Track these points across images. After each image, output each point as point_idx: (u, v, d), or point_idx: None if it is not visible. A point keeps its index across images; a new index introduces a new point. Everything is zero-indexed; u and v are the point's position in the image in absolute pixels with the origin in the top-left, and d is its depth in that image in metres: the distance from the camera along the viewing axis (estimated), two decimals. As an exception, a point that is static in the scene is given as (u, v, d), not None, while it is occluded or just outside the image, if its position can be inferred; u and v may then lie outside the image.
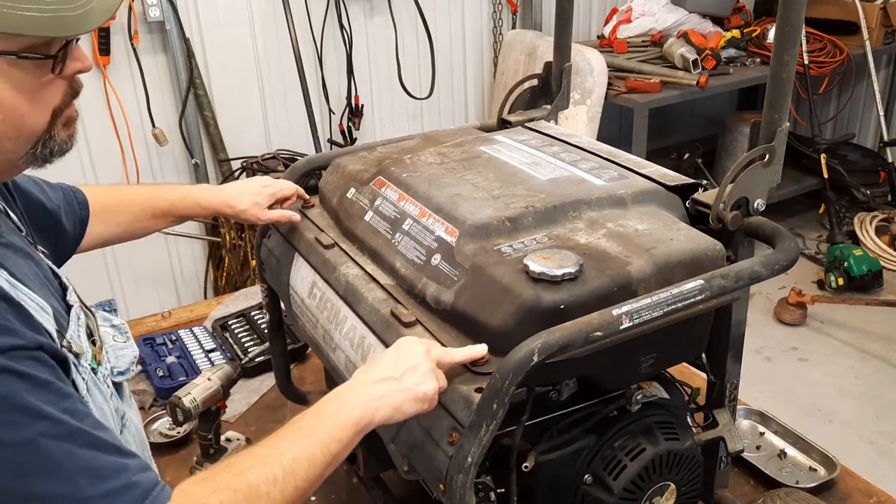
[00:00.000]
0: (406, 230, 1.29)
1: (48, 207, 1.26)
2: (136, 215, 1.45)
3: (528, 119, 1.72)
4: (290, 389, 1.82)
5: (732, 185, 1.21)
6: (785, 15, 1.14)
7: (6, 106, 0.88)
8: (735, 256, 1.24)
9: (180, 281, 3.73)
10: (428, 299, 1.18)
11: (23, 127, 0.91)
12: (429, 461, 1.03)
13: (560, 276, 1.05)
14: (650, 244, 1.14)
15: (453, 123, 4.20)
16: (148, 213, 1.45)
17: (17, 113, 0.89)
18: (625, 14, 4.26)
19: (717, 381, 1.35)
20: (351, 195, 1.45)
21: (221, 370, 1.69)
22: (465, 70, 4.22)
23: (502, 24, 4.20)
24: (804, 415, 3.22)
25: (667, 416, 1.22)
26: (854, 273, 4.00)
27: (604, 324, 0.99)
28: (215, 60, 3.50)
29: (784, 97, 1.19)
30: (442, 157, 1.46)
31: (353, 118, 3.83)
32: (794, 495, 1.46)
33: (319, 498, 1.66)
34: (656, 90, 3.76)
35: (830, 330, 3.87)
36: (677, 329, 1.10)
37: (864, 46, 4.34)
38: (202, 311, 2.37)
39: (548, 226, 1.21)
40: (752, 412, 1.84)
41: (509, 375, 0.94)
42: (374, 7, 3.78)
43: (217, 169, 3.61)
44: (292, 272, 1.48)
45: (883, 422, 3.26)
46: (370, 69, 3.89)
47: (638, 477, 1.15)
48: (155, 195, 1.48)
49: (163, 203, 1.47)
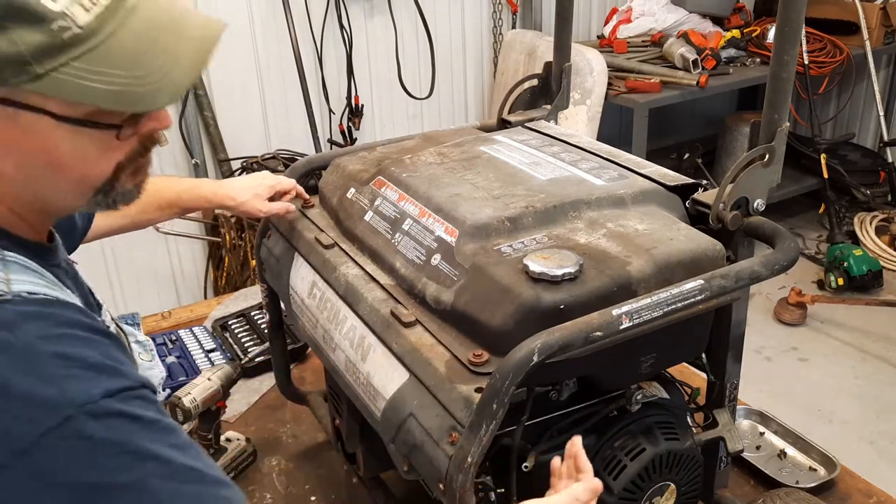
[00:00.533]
0: (406, 230, 1.29)
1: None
2: (143, 207, 1.44)
3: (528, 119, 1.72)
4: (290, 389, 1.82)
5: (732, 185, 1.21)
6: (785, 15, 1.14)
7: (67, 167, 0.86)
8: (735, 256, 1.24)
9: (180, 281, 3.73)
10: (428, 299, 1.18)
11: (83, 183, 0.89)
12: (429, 461, 1.03)
13: (560, 276, 1.05)
14: (650, 244, 1.14)
15: (453, 123, 4.19)
16: (154, 205, 1.46)
17: (78, 173, 0.87)
18: (625, 14, 4.26)
19: (717, 381, 1.35)
20: (351, 195, 1.45)
21: (221, 370, 1.69)
22: (465, 70, 4.22)
23: (502, 24, 4.20)
24: (804, 415, 3.22)
25: (667, 416, 1.22)
26: (854, 273, 4.00)
27: (604, 324, 0.99)
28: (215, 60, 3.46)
29: (784, 97, 1.19)
30: (442, 157, 1.46)
31: (353, 118, 3.83)
32: (794, 495, 1.46)
33: (319, 498, 1.66)
34: (656, 90, 3.76)
35: (830, 330, 3.87)
36: (677, 329, 1.10)
37: (864, 46, 4.34)
38: (202, 311, 2.37)
39: (548, 226, 1.21)
40: (752, 412, 1.84)
41: (509, 375, 0.94)
42: (374, 7, 3.78)
43: (217, 169, 3.61)
44: (292, 272, 1.48)
45: (883, 422, 3.26)
46: (370, 69, 3.89)
47: (638, 477, 1.16)
48: (162, 187, 1.49)
49: (169, 194, 1.48)
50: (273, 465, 1.75)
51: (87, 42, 0.78)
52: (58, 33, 0.77)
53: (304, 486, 1.69)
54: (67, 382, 0.76)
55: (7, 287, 0.80)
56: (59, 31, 0.77)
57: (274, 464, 1.76)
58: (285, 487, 1.69)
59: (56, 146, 0.83)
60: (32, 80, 0.77)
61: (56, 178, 0.86)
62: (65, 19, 0.77)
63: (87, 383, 0.76)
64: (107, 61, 0.79)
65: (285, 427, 1.88)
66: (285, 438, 1.84)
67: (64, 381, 0.76)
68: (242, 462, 1.73)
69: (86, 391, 0.76)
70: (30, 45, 0.76)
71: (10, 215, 0.89)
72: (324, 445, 1.81)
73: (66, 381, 0.76)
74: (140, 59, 0.82)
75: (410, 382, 1.11)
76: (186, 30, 0.88)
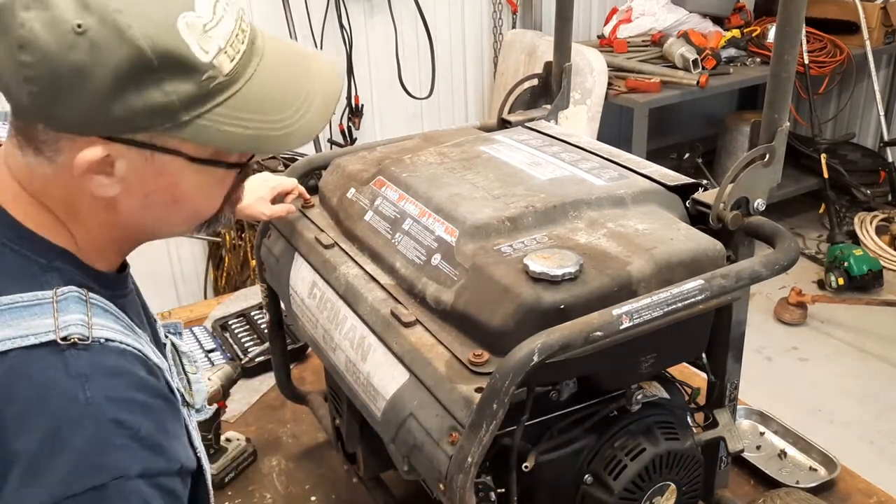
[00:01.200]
0: (406, 230, 1.29)
1: None
2: None
3: (528, 119, 1.72)
4: (290, 389, 1.82)
5: (732, 184, 1.21)
6: (785, 15, 1.14)
7: (188, 202, 0.88)
8: (735, 256, 1.24)
9: (180, 281, 3.73)
10: (428, 299, 1.18)
11: (196, 216, 0.92)
12: (429, 461, 1.03)
13: (560, 276, 1.05)
14: (650, 244, 1.14)
15: (453, 123, 4.19)
16: None
17: (194, 208, 0.90)
18: (625, 14, 4.26)
19: (717, 381, 1.35)
20: (351, 195, 1.45)
21: (221, 370, 1.69)
22: (465, 70, 4.22)
23: (502, 24, 4.20)
24: (804, 415, 3.22)
25: (667, 416, 1.22)
26: (854, 273, 4.00)
27: (604, 324, 0.98)
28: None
29: (784, 97, 1.19)
30: (442, 157, 1.46)
31: (353, 118, 3.83)
32: (794, 495, 1.46)
33: (320, 498, 1.66)
34: (656, 90, 3.76)
35: (830, 330, 3.87)
36: (677, 329, 1.10)
37: (865, 46, 4.34)
38: (202, 311, 2.37)
39: (548, 226, 1.21)
40: (752, 412, 1.84)
41: (509, 375, 0.94)
42: (374, 7, 3.78)
43: (217, 169, 3.61)
44: (292, 272, 1.48)
45: (883, 422, 3.26)
46: (370, 69, 3.89)
47: (638, 477, 1.15)
48: None
49: None
50: (273, 465, 1.75)
51: (230, 89, 0.80)
52: (206, 83, 0.78)
53: (304, 486, 1.69)
54: (114, 452, 0.77)
55: (88, 332, 0.81)
56: (207, 80, 0.78)
57: (274, 464, 1.76)
58: (285, 487, 1.69)
59: (180, 183, 0.85)
60: (178, 128, 0.79)
61: (173, 213, 0.89)
62: (213, 69, 0.78)
63: (130, 457, 0.78)
64: (245, 106, 0.81)
65: (285, 427, 1.88)
66: (285, 438, 1.84)
67: (112, 451, 0.77)
68: (242, 462, 1.73)
69: (125, 466, 0.77)
70: (182, 96, 0.77)
71: (97, 248, 0.89)
72: (324, 445, 1.80)
73: (113, 451, 0.77)
74: (275, 104, 0.84)
75: (410, 382, 1.11)
76: (312, 71, 0.89)
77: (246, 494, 1.67)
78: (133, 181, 0.83)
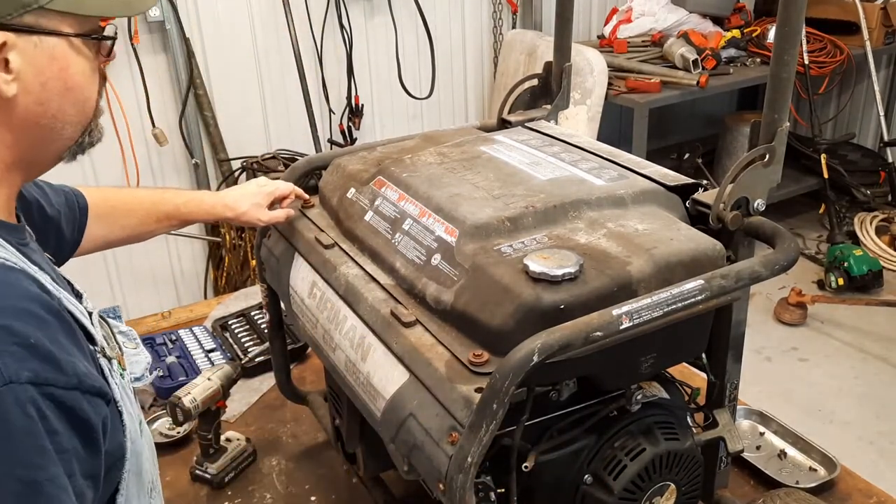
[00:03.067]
0: (406, 230, 1.29)
1: (49, 213, 1.26)
2: (142, 219, 1.46)
3: (528, 119, 1.72)
4: (290, 389, 1.82)
5: (732, 185, 1.21)
6: (785, 15, 1.14)
7: (78, 88, 0.92)
8: (735, 256, 1.24)
9: (180, 281, 3.73)
10: (428, 299, 1.18)
11: (85, 111, 0.95)
12: (429, 461, 1.03)
13: (560, 276, 1.05)
14: (650, 244, 1.14)
15: (453, 123, 4.20)
16: (153, 217, 1.47)
17: (84, 95, 0.94)
18: (625, 14, 4.26)
19: (717, 381, 1.35)
20: (351, 195, 1.45)
21: (221, 370, 1.69)
22: (465, 70, 4.22)
23: (502, 25, 4.20)
24: (804, 415, 3.22)
25: (667, 416, 1.22)
26: (854, 273, 4.00)
27: (604, 324, 0.98)
28: (215, 60, 3.50)
29: (784, 97, 1.19)
30: (442, 157, 1.46)
31: (353, 118, 3.84)
32: (794, 495, 1.46)
33: (319, 498, 1.66)
34: (656, 90, 3.76)
35: (830, 330, 3.87)
36: (677, 329, 1.10)
37: (865, 46, 4.34)
38: (202, 311, 2.37)
39: (548, 226, 1.21)
40: (752, 412, 1.84)
41: (509, 375, 0.94)
42: (374, 7, 3.78)
43: (217, 169, 3.61)
44: (292, 272, 1.48)
45: (883, 422, 3.26)
46: (370, 69, 3.89)
47: (638, 477, 1.15)
48: (160, 199, 1.49)
49: (168, 207, 1.48)
50: (273, 465, 1.75)
51: None
52: None
53: (304, 486, 1.69)
54: (2, 357, 0.76)
55: None
56: None
57: (274, 464, 1.76)
58: (285, 487, 1.69)
59: (69, 67, 0.90)
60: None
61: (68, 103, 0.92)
62: None
63: (18, 363, 0.77)
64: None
65: (285, 427, 1.88)
66: (285, 438, 1.84)
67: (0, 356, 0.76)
68: (242, 462, 1.73)
69: (14, 371, 0.76)
70: None
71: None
72: (324, 445, 1.81)
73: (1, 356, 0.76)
74: None
75: (410, 382, 1.11)
76: None
77: (246, 494, 1.67)
78: (28, 73, 0.86)
